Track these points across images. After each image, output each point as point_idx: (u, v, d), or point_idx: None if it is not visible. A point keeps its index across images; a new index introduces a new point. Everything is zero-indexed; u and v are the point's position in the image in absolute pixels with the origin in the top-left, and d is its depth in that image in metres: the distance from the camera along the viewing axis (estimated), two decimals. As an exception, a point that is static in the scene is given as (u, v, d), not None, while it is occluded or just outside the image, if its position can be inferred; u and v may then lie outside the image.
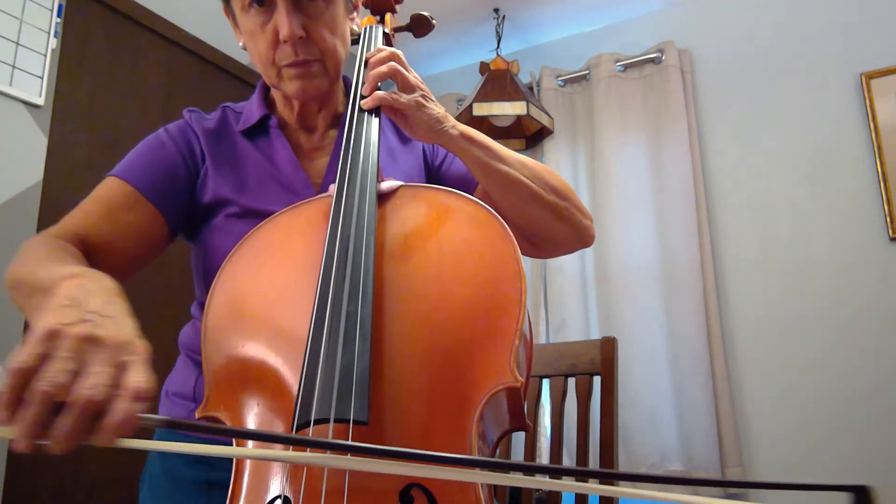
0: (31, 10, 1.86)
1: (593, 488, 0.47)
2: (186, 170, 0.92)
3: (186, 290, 0.98)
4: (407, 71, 0.87)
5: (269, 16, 0.86)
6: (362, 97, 0.89)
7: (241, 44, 0.94)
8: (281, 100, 0.99)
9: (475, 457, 0.51)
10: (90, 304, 0.52)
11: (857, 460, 2.27)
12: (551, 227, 0.92)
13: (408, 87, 0.87)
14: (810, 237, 2.50)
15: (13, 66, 1.80)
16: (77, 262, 0.75)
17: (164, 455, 0.88)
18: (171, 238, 0.93)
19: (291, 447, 0.57)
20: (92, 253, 0.82)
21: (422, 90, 0.88)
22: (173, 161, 0.91)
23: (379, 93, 0.86)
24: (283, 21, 0.84)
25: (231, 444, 0.63)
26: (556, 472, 0.48)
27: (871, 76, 2.47)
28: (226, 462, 0.64)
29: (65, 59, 1.96)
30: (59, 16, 1.94)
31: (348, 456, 0.50)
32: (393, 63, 0.87)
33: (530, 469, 0.47)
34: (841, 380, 2.35)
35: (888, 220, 2.37)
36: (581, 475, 0.67)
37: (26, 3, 1.85)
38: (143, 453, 0.93)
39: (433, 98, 0.89)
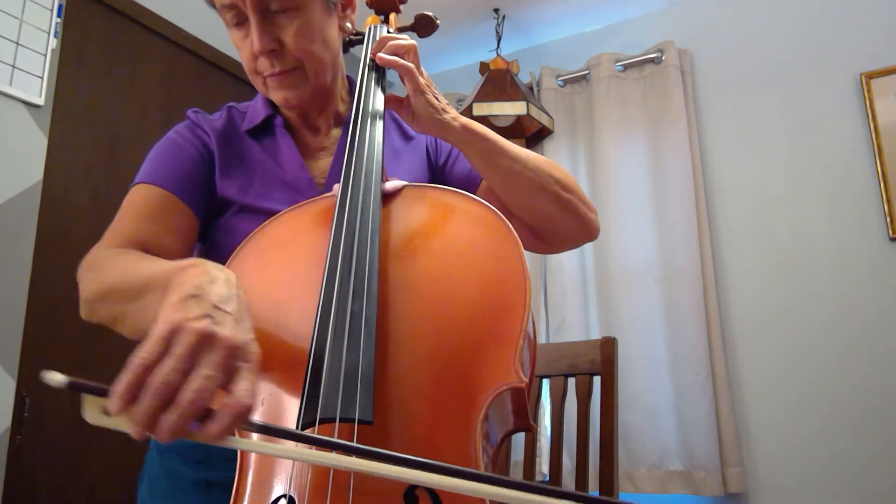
0: (31, 10, 1.86)
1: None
2: (205, 166, 0.93)
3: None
4: (419, 65, 0.89)
5: (248, 30, 0.87)
6: (372, 60, 0.92)
7: None
8: None
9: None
10: (214, 294, 0.53)
11: (857, 458, 2.27)
12: (556, 219, 0.92)
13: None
14: (810, 237, 2.51)
15: (13, 66, 1.80)
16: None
17: (163, 454, 0.88)
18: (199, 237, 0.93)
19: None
20: None
21: (429, 85, 0.89)
22: (193, 160, 0.92)
23: (398, 59, 0.88)
24: (254, 36, 0.85)
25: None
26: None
27: (871, 76, 2.47)
28: (225, 462, 0.64)
29: (65, 59, 1.96)
30: (59, 16, 1.93)
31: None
32: (414, 44, 0.90)
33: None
34: (840, 379, 2.35)
35: (888, 220, 2.37)
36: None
37: (26, 3, 1.85)
38: (143, 453, 0.93)
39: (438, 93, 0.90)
